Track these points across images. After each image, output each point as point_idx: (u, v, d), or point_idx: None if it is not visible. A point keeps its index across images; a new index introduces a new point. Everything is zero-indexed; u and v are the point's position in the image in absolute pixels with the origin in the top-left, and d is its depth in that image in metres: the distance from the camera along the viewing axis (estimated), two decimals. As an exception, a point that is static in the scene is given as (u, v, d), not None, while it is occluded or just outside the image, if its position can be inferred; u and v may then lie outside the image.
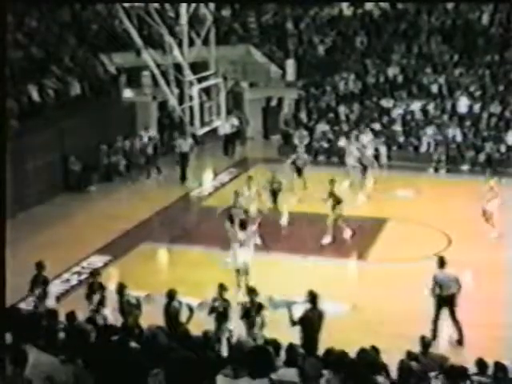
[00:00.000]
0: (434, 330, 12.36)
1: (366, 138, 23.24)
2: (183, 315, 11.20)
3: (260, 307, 11.06)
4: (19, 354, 5.23)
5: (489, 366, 8.90)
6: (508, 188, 21.35)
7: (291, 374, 6.48)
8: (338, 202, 16.94)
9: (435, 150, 24.42)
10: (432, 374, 8.41)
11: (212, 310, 11.39)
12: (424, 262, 15.33)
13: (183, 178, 22.82)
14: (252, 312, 11.09)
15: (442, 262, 12.56)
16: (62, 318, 9.25)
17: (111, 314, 11.59)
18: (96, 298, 11.79)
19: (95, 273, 12.52)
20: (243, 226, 14.56)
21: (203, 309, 12.56)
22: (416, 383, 7.82)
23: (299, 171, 20.87)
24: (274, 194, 19.04)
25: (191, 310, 11.32)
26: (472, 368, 8.74)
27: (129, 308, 11.49)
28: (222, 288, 11.56)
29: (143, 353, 6.31)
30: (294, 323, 10.74)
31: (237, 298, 12.58)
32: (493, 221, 17.07)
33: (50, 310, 9.02)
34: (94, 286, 12.04)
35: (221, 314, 11.36)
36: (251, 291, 11.24)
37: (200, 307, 12.75)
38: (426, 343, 9.89)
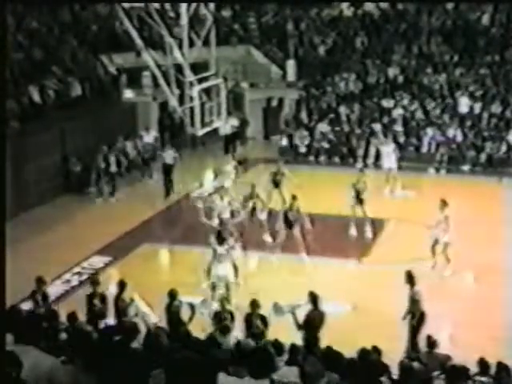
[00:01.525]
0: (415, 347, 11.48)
1: (388, 147, 22.29)
2: (185, 315, 11.18)
3: (263, 318, 10.74)
4: (12, 358, 5.08)
5: (490, 366, 8.91)
6: (508, 188, 21.42)
7: (292, 373, 6.48)
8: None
9: (436, 150, 24.42)
10: (433, 374, 8.41)
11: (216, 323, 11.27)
12: (424, 263, 15.33)
13: (167, 192, 21.63)
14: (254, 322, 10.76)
15: (412, 278, 11.77)
16: (62, 318, 9.26)
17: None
18: (97, 309, 11.71)
19: (95, 282, 12.21)
20: (221, 239, 14.13)
21: (205, 306, 12.55)
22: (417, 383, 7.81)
23: (277, 185, 19.26)
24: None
25: (193, 309, 11.29)
26: (472, 368, 8.74)
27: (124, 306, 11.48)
28: (224, 300, 11.51)
29: (144, 353, 6.30)
30: (299, 327, 10.68)
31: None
32: (446, 253, 15.42)
33: (50, 311, 9.00)
34: (94, 296, 11.81)
35: (224, 327, 11.22)
36: (253, 303, 10.91)
37: (202, 304, 12.73)
38: (431, 342, 9.88)
